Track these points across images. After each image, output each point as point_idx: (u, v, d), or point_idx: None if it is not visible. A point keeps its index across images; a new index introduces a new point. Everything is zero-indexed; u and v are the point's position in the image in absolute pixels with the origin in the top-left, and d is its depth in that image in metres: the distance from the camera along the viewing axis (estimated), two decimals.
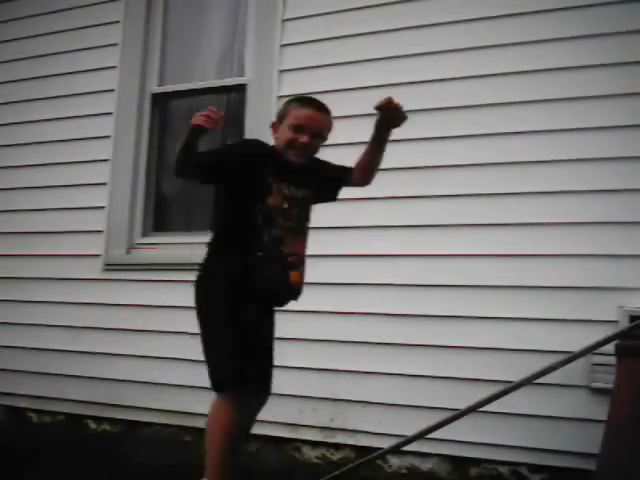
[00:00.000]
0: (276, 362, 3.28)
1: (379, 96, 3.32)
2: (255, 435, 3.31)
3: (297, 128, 2.19)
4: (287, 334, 3.31)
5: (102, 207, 3.90)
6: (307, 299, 3.31)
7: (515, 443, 2.86)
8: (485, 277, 3.02)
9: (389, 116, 2.21)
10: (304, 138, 2.18)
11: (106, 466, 3.11)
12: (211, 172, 2.22)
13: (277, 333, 3.31)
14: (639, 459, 2.24)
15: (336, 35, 3.44)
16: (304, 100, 2.28)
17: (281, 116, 2.27)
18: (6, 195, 4.22)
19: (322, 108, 2.25)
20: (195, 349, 3.51)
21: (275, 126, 2.29)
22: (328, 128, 2.28)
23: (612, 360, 2.53)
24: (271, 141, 2.32)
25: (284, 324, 3.33)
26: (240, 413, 2.09)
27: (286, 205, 2.21)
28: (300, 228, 2.29)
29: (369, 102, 3.38)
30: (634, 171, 2.84)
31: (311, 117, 2.20)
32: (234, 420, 2.08)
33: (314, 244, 3.51)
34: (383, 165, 3.26)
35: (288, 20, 3.59)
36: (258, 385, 2.18)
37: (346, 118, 3.32)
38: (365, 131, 3.30)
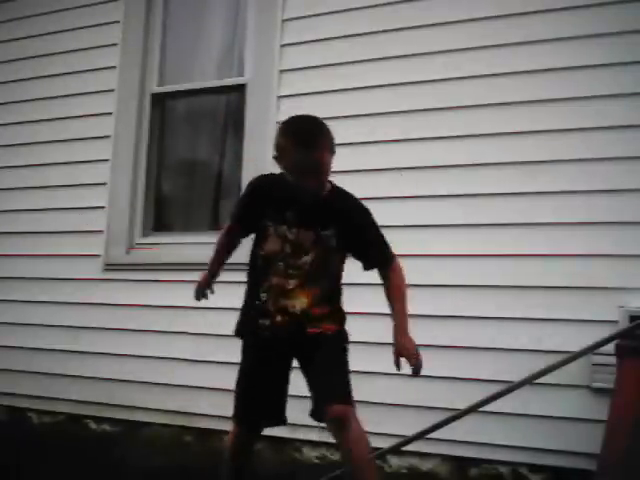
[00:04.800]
0: None
1: (379, 96, 3.35)
2: None
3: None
4: None
5: (102, 207, 3.90)
6: None
7: (515, 443, 2.86)
8: (485, 277, 3.02)
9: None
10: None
11: (106, 466, 3.11)
12: (239, 225, 2.20)
13: None
14: (639, 459, 2.24)
15: (336, 35, 3.44)
16: (297, 120, 2.11)
17: (280, 149, 2.06)
18: (6, 195, 4.22)
19: (316, 140, 2.01)
20: (195, 349, 3.54)
21: (278, 158, 2.07)
22: (331, 141, 2.04)
23: (612, 360, 2.53)
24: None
25: None
26: (231, 440, 2.21)
27: (289, 250, 2.04)
28: (318, 277, 2.07)
29: (369, 102, 3.41)
30: (634, 171, 2.83)
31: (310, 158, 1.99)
32: (227, 443, 2.24)
33: None
34: (370, 165, 3.27)
35: (288, 20, 3.59)
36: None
37: (346, 118, 3.34)
38: (365, 131, 3.33)
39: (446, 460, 2.99)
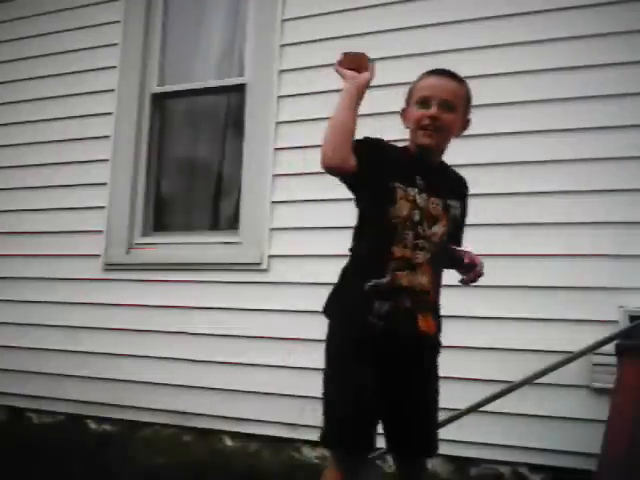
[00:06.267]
0: (277, 362, 3.31)
1: (379, 95, 3.34)
2: (255, 435, 3.32)
3: (423, 101, 1.82)
4: (288, 334, 3.32)
5: (102, 207, 3.90)
6: (305, 299, 3.31)
7: (515, 443, 2.86)
8: (485, 277, 3.01)
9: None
10: (431, 110, 1.80)
11: (106, 466, 3.10)
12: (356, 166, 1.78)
13: (279, 333, 3.33)
14: (639, 459, 2.24)
15: (336, 35, 3.44)
16: (429, 71, 1.90)
17: (408, 97, 1.92)
18: (6, 195, 4.22)
19: (450, 75, 1.86)
20: (195, 349, 3.53)
21: (404, 113, 1.92)
22: (462, 98, 1.86)
23: (612, 360, 2.53)
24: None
25: (286, 324, 3.34)
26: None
27: (417, 217, 1.77)
28: (440, 257, 1.88)
29: (368, 102, 3.40)
30: (634, 171, 2.84)
31: (434, 85, 1.83)
32: None
33: (311, 243, 3.50)
34: None
35: (288, 20, 3.59)
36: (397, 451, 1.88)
37: None
38: (366, 132, 3.32)
39: (446, 460, 2.99)
